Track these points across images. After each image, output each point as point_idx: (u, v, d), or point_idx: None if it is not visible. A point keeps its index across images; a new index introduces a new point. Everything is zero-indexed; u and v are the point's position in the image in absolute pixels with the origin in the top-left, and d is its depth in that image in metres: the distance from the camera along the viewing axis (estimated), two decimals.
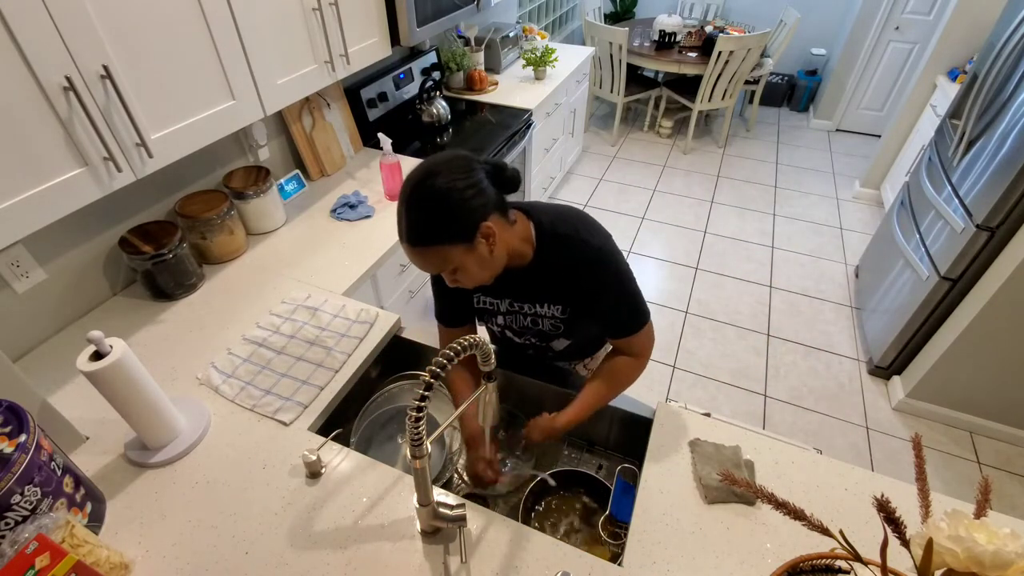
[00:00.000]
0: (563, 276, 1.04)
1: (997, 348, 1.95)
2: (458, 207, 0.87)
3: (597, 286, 1.03)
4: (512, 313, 1.16)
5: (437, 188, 0.85)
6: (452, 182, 0.86)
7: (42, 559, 0.71)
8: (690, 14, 4.97)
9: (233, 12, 1.24)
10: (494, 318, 1.19)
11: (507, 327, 1.20)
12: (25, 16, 0.88)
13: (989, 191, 1.82)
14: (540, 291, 1.09)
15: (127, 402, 0.98)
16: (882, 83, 4.21)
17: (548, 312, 1.12)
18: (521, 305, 1.13)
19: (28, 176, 0.96)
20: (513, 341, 1.26)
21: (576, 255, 1.02)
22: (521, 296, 1.12)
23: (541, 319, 1.14)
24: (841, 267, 3.13)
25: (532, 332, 1.19)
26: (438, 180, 0.86)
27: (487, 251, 0.92)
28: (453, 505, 0.90)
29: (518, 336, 1.23)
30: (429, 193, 0.86)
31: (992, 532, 0.51)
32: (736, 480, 0.68)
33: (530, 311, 1.14)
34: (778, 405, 2.35)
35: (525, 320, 1.16)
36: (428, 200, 0.86)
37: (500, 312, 1.17)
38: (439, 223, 0.87)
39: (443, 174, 0.86)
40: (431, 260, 0.91)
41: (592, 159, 4.21)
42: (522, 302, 1.13)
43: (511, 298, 1.13)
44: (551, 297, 1.09)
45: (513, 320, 1.18)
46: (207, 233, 1.52)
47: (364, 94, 2.17)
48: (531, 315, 1.14)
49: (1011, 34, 1.90)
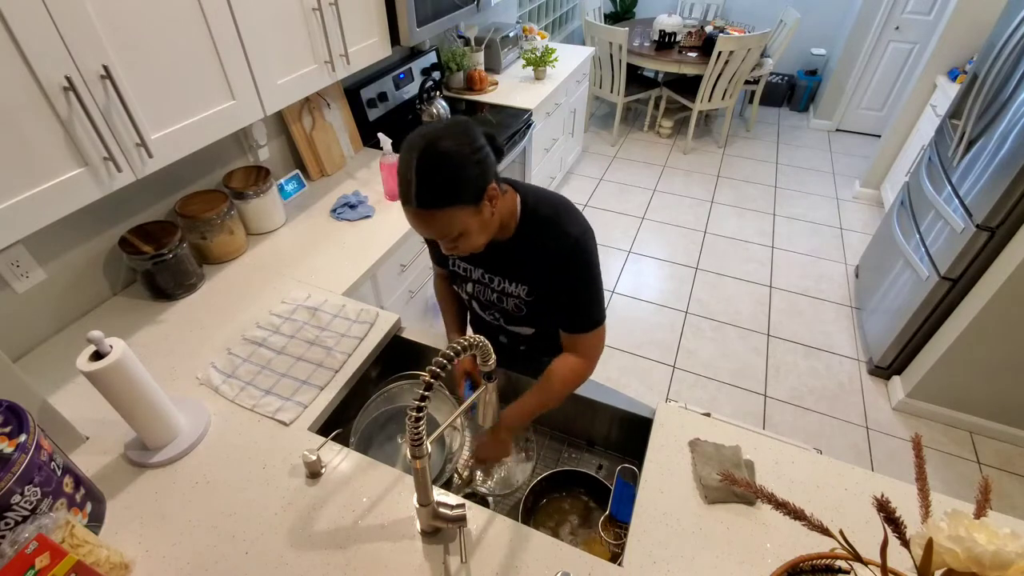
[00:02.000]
0: (535, 257, 1.06)
1: (997, 348, 1.95)
2: (469, 168, 0.88)
3: (564, 274, 1.05)
4: (481, 284, 1.17)
5: (448, 150, 0.86)
6: (461, 145, 0.87)
7: (42, 559, 0.71)
8: (690, 14, 4.97)
9: (233, 12, 1.24)
10: (464, 284, 1.21)
11: (475, 296, 1.22)
12: (25, 16, 0.88)
13: (989, 191, 1.82)
14: (511, 267, 1.11)
15: (127, 402, 0.98)
16: (882, 83, 4.21)
17: (514, 291, 1.13)
18: (492, 278, 1.14)
19: (28, 176, 0.96)
20: (481, 316, 1.27)
21: (552, 239, 1.03)
22: (493, 268, 1.13)
23: (506, 297, 1.15)
24: (841, 267, 3.13)
25: (497, 308, 1.20)
26: (447, 143, 0.86)
27: (489, 213, 0.95)
28: (453, 505, 0.90)
29: (483, 309, 1.24)
30: (440, 154, 0.86)
31: (992, 532, 0.51)
32: (736, 480, 0.68)
33: (498, 286, 1.15)
34: (778, 405, 2.35)
35: (492, 295, 1.17)
36: (439, 161, 0.86)
37: (471, 279, 1.18)
38: (451, 184, 0.87)
39: (451, 137, 0.87)
40: (438, 224, 0.90)
41: (592, 159, 4.21)
42: (492, 274, 1.14)
43: (484, 268, 1.14)
44: (519, 276, 1.11)
45: (481, 291, 1.19)
46: (207, 233, 1.52)
47: (364, 94, 2.17)
48: (498, 291, 1.16)
49: (1011, 34, 1.90)
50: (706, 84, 3.80)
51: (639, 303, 2.87)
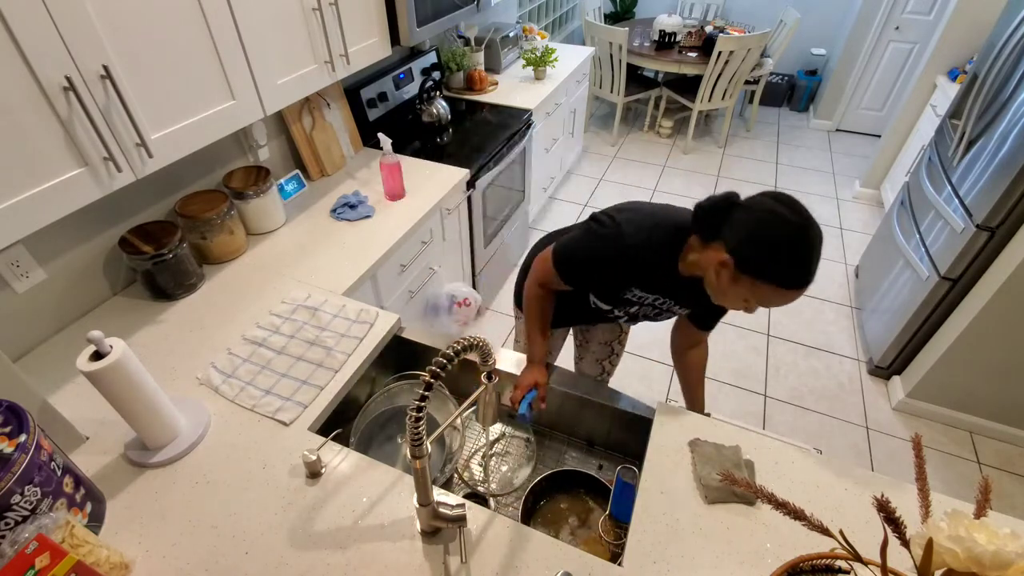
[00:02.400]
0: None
1: (997, 348, 1.95)
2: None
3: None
4: (651, 306, 1.20)
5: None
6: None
7: (42, 559, 0.71)
8: (690, 14, 4.97)
9: (233, 12, 1.24)
10: (628, 308, 1.22)
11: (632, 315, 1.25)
12: (25, 16, 0.88)
13: (989, 191, 1.82)
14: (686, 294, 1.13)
15: (127, 402, 0.98)
16: (882, 83, 4.21)
17: (679, 310, 1.20)
18: (665, 301, 1.17)
19: (28, 176, 0.96)
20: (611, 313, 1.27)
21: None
22: (669, 294, 1.15)
23: (667, 312, 1.21)
24: (841, 267, 3.13)
25: (648, 318, 1.26)
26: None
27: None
28: (453, 505, 0.90)
29: (631, 320, 1.29)
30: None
31: (992, 532, 0.51)
32: (736, 480, 0.68)
33: (665, 307, 1.19)
34: (778, 405, 2.35)
35: (652, 311, 1.22)
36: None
37: (641, 304, 1.20)
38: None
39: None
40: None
41: (592, 159, 4.21)
42: (667, 298, 1.16)
43: (660, 295, 1.16)
44: (691, 301, 1.15)
45: (642, 311, 1.22)
46: (207, 233, 1.52)
47: (364, 94, 2.17)
48: (665, 310, 1.20)
49: (1011, 34, 1.90)
50: (706, 84, 3.80)
51: None
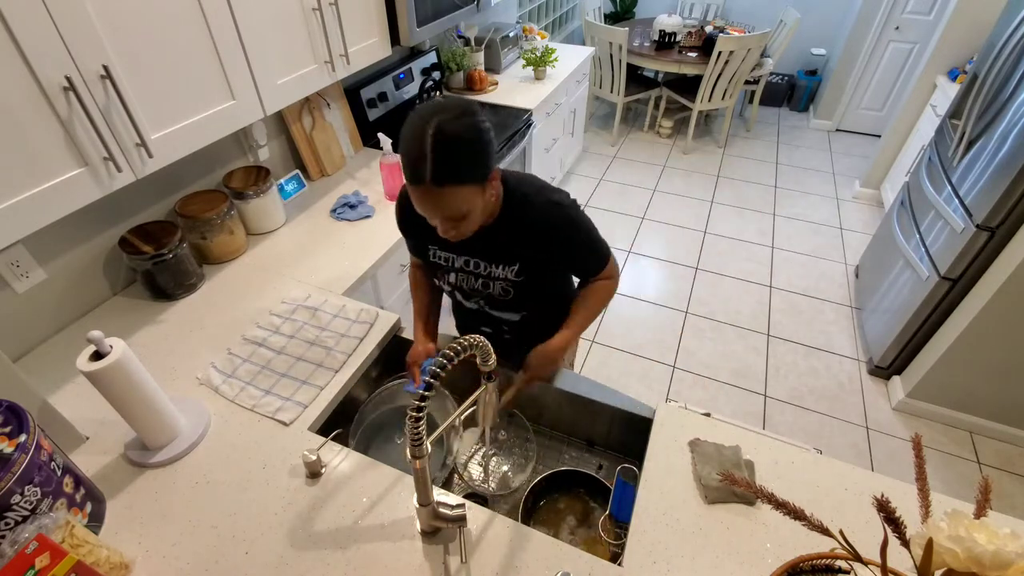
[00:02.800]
0: (525, 234, 1.06)
1: (997, 348, 1.95)
2: (488, 146, 0.87)
3: (559, 239, 1.08)
4: (465, 272, 1.16)
5: (470, 125, 0.84)
6: (480, 122, 0.86)
7: (42, 559, 0.71)
8: (690, 14, 4.97)
9: (233, 12, 1.24)
10: (446, 275, 1.20)
11: (458, 286, 1.21)
12: (25, 16, 0.88)
13: (989, 191, 1.82)
14: (498, 250, 1.10)
15: (127, 402, 0.98)
16: (882, 83, 4.21)
17: (501, 273, 1.13)
18: (477, 263, 1.13)
19: (28, 176, 0.96)
20: (463, 305, 1.26)
21: (539, 212, 1.05)
22: (478, 253, 1.12)
23: (493, 281, 1.15)
24: (841, 267, 3.13)
25: (482, 295, 1.19)
26: (466, 119, 0.84)
27: (491, 197, 0.95)
28: (453, 505, 0.90)
29: (467, 298, 1.23)
30: (461, 129, 0.83)
31: (992, 532, 0.51)
32: (736, 480, 0.68)
33: (484, 272, 1.14)
34: (778, 405, 2.35)
35: (476, 281, 1.17)
36: (460, 137, 0.84)
37: (453, 269, 1.17)
38: (470, 161, 0.86)
39: (468, 114, 0.85)
40: (448, 202, 0.88)
41: (592, 159, 4.21)
42: (478, 260, 1.13)
43: (468, 255, 1.13)
44: (508, 257, 1.11)
45: (464, 280, 1.18)
46: (207, 233, 1.52)
47: (364, 94, 2.17)
48: (483, 276, 1.15)
49: (1011, 34, 1.90)
50: (706, 84, 3.80)
51: (639, 303, 2.87)
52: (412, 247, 1.26)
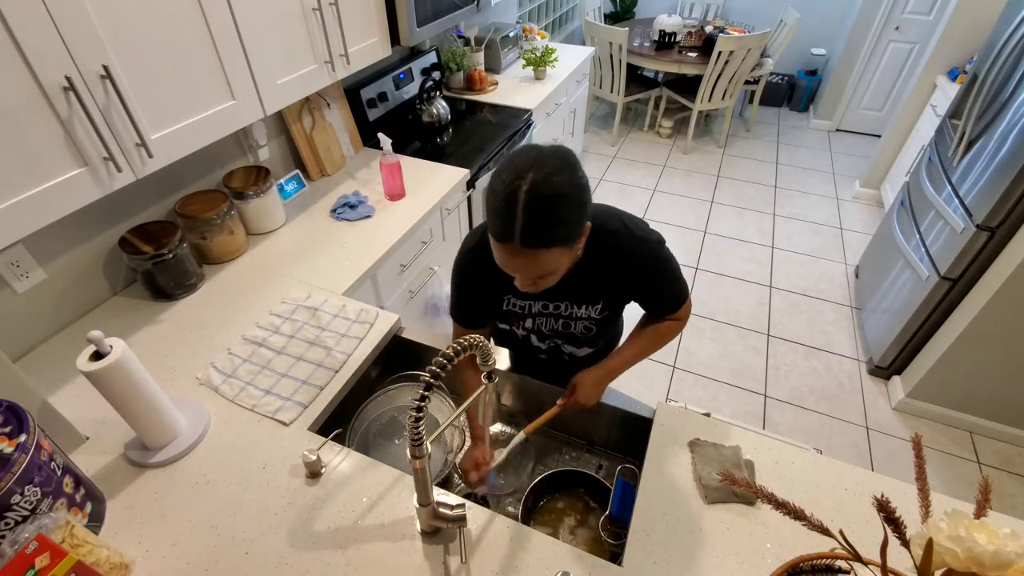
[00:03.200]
0: (610, 272, 1.02)
1: (997, 348, 1.95)
2: (579, 209, 0.80)
3: (646, 277, 1.05)
4: (544, 315, 1.13)
5: (563, 188, 0.77)
6: (573, 182, 0.79)
7: (42, 559, 0.71)
8: (690, 14, 4.97)
9: (233, 12, 1.24)
10: (522, 322, 1.15)
11: (535, 330, 1.17)
12: (25, 16, 0.88)
13: (989, 191, 1.82)
14: (581, 290, 1.07)
15: (127, 402, 0.98)
16: (882, 83, 4.21)
17: (584, 313, 1.10)
18: (557, 306, 1.10)
19: (28, 176, 0.96)
20: (535, 346, 1.23)
21: (627, 249, 1.01)
22: (559, 297, 1.09)
23: (575, 321, 1.12)
24: (841, 267, 3.13)
25: (561, 335, 1.16)
26: (562, 177, 0.77)
27: (579, 251, 0.90)
28: (453, 505, 0.90)
29: (543, 340, 1.19)
30: (555, 193, 0.77)
31: (992, 532, 0.51)
32: (736, 480, 0.68)
33: (565, 312, 1.11)
34: (778, 405, 2.35)
35: (557, 323, 1.13)
36: (554, 200, 0.77)
37: (531, 315, 1.13)
38: (561, 226, 0.79)
39: (564, 172, 0.78)
40: (535, 264, 0.82)
41: (592, 159, 4.21)
42: (558, 302, 1.10)
43: (545, 299, 1.10)
44: (592, 297, 1.08)
45: (544, 323, 1.14)
46: (207, 233, 1.52)
47: (364, 94, 2.17)
48: (564, 317, 1.12)
49: (1011, 34, 1.90)
50: (706, 84, 3.80)
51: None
52: (470, 310, 1.15)
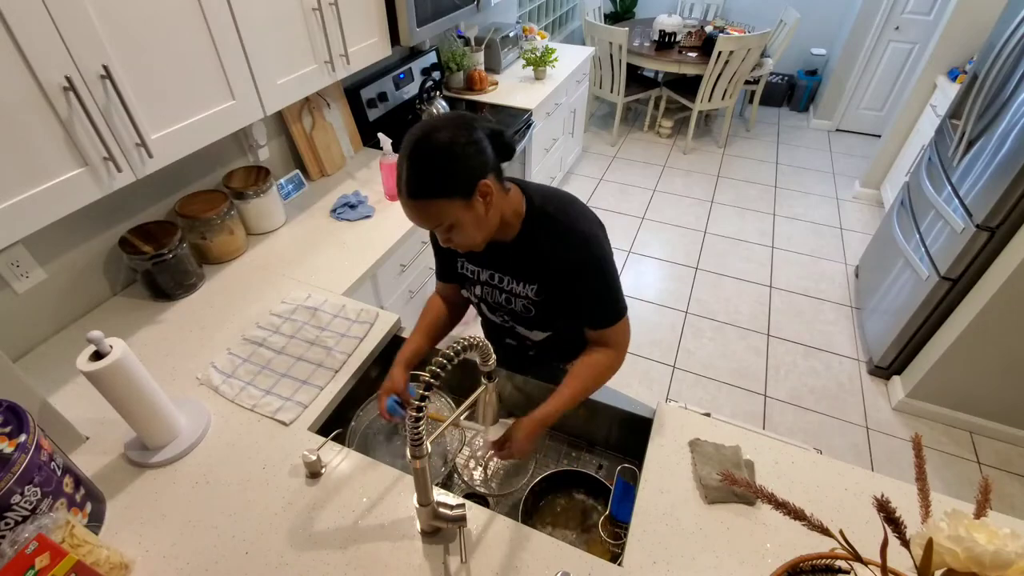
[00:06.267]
0: (544, 255, 1.05)
1: (997, 348, 1.95)
2: (459, 161, 0.89)
3: (578, 270, 1.03)
4: (489, 286, 1.16)
5: (440, 141, 0.88)
6: (455, 137, 0.89)
7: (42, 559, 0.71)
8: (690, 14, 4.97)
9: (233, 12, 1.24)
10: (473, 287, 1.20)
11: (483, 299, 1.21)
12: (25, 16, 0.88)
13: (989, 191, 1.82)
14: (518, 267, 1.10)
15: (127, 402, 0.98)
16: (882, 83, 4.21)
17: (522, 291, 1.11)
18: (501, 278, 1.13)
19: (28, 176, 0.96)
20: (489, 318, 1.26)
21: (561, 235, 1.03)
22: (501, 268, 1.12)
23: (515, 298, 1.14)
24: (841, 267, 3.13)
25: (505, 310, 1.19)
26: (441, 134, 0.88)
27: (483, 210, 0.95)
28: (453, 505, 0.90)
29: (492, 312, 1.23)
30: (432, 146, 0.88)
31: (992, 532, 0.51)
32: (736, 480, 0.68)
33: (506, 286, 1.14)
34: (778, 405, 2.35)
35: (500, 296, 1.16)
36: (431, 153, 0.88)
37: (479, 282, 1.18)
38: (440, 176, 0.89)
39: (445, 129, 0.89)
40: (429, 214, 0.92)
41: (592, 159, 4.21)
42: (501, 274, 1.13)
43: (492, 269, 1.14)
44: (527, 275, 1.10)
45: (489, 293, 1.18)
46: (207, 233, 1.52)
47: (364, 94, 2.17)
48: (506, 292, 1.14)
49: (1011, 34, 1.90)
50: (706, 84, 3.80)
51: (639, 303, 2.87)
52: (440, 266, 1.25)
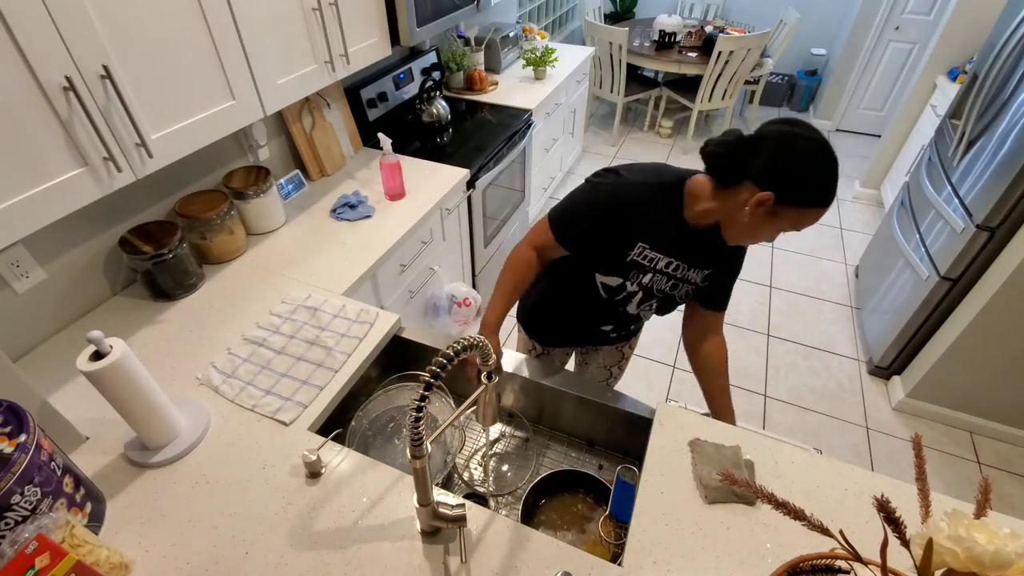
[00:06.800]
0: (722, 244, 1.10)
1: (997, 348, 1.95)
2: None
3: (736, 261, 1.19)
4: (663, 274, 1.16)
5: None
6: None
7: (42, 559, 0.71)
8: (690, 14, 4.97)
9: (233, 12, 1.24)
10: (641, 276, 1.15)
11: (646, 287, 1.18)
12: (25, 16, 0.88)
13: (989, 191, 1.82)
14: (701, 254, 1.14)
15: (127, 402, 0.98)
16: (882, 83, 4.21)
17: (694, 277, 1.17)
18: (679, 266, 1.15)
19: (28, 176, 0.96)
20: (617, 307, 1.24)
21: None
22: (683, 256, 1.14)
23: (682, 283, 1.18)
24: (841, 267, 3.13)
25: (659, 297, 1.22)
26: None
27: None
28: (453, 505, 0.90)
29: (642, 302, 1.23)
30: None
31: (992, 532, 0.51)
32: (736, 480, 0.68)
33: (680, 274, 1.17)
34: (778, 405, 2.35)
35: (666, 283, 1.18)
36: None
37: (654, 270, 1.15)
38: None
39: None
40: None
41: (592, 159, 4.21)
42: (680, 262, 1.14)
43: (672, 257, 1.14)
44: (705, 262, 1.15)
45: (657, 281, 1.18)
46: (207, 233, 1.52)
47: (364, 94, 2.17)
48: (677, 278, 1.17)
49: (1011, 34, 1.90)
50: (706, 84, 3.80)
51: None
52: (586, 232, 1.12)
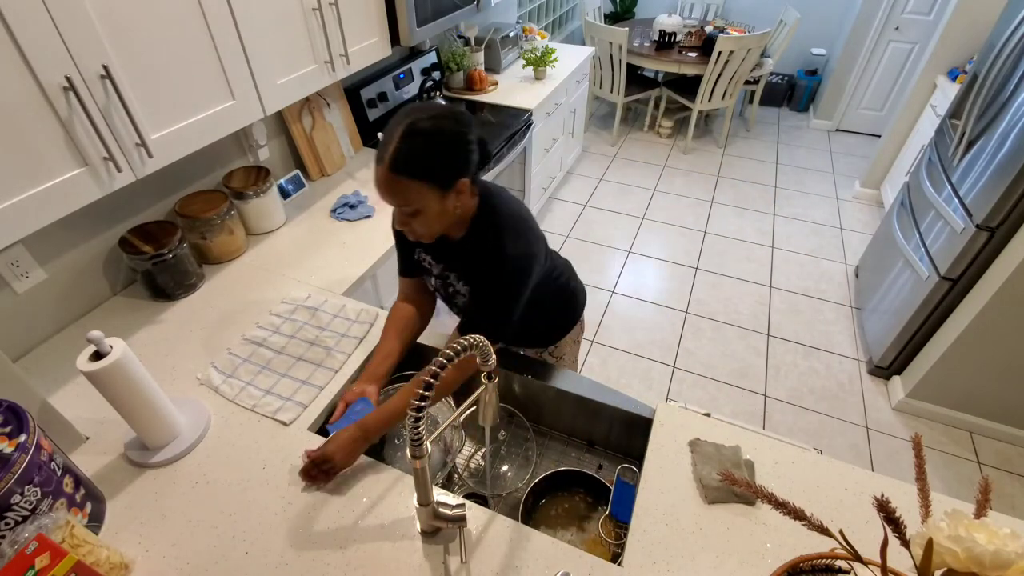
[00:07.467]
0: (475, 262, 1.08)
1: (997, 348, 1.95)
2: (453, 154, 0.90)
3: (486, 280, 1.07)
4: (440, 279, 1.19)
5: (443, 128, 0.88)
6: (458, 129, 0.89)
7: (42, 559, 0.71)
8: (690, 14, 4.97)
9: (233, 12, 1.24)
10: (429, 279, 1.23)
11: (437, 290, 1.24)
12: (25, 16, 0.88)
13: (989, 191, 1.82)
14: (459, 267, 1.13)
15: (127, 402, 0.98)
16: (882, 83, 4.21)
17: (461, 289, 1.15)
18: (446, 275, 1.16)
19: (28, 176, 0.96)
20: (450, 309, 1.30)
21: (489, 247, 1.05)
22: (447, 264, 1.15)
23: (456, 295, 1.18)
24: (841, 267, 3.13)
25: (452, 304, 1.24)
26: (445, 122, 0.89)
27: (451, 207, 0.96)
28: (453, 505, 0.90)
29: (446, 303, 1.27)
30: (433, 130, 0.88)
31: (992, 532, 0.51)
32: (736, 480, 0.68)
33: (450, 283, 1.17)
34: (778, 405, 2.35)
35: (447, 291, 1.20)
36: (430, 135, 0.88)
37: (433, 275, 1.20)
38: (431, 161, 0.89)
39: (450, 119, 0.90)
40: (402, 192, 0.91)
41: (592, 159, 4.21)
42: (447, 271, 1.16)
43: (442, 265, 1.16)
44: (464, 276, 1.13)
45: (439, 286, 1.21)
46: (207, 233, 1.52)
47: (364, 94, 2.17)
48: (451, 287, 1.17)
49: (1011, 34, 1.90)
50: (706, 84, 3.80)
51: (639, 303, 2.87)
52: (402, 258, 1.23)
